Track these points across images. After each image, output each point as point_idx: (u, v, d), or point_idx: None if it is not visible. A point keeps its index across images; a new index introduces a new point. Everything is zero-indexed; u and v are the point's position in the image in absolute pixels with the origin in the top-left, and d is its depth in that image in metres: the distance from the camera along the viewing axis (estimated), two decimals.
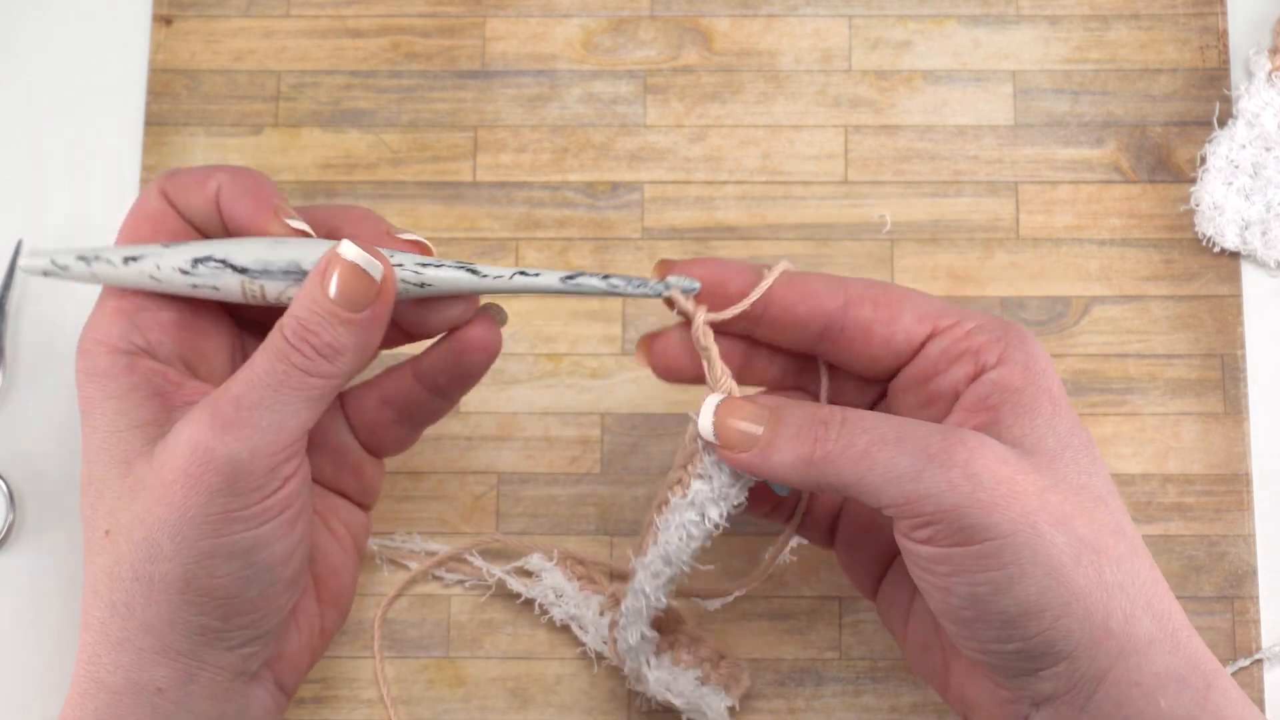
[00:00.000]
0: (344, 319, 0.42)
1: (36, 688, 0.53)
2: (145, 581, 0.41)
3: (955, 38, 0.58)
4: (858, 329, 0.44)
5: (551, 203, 0.57)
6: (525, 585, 0.53)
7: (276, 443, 0.41)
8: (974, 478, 0.39)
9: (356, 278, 0.42)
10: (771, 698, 0.53)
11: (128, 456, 0.42)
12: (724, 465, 0.44)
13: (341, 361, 0.42)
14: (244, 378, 0.42)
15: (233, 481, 0.41)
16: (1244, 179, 0.55)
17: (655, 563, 0.46)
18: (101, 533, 0.43)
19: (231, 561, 0.41)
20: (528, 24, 0.58)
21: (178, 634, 0.42)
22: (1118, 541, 0.41)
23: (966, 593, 0.40)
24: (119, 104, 0.58)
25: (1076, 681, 0.41)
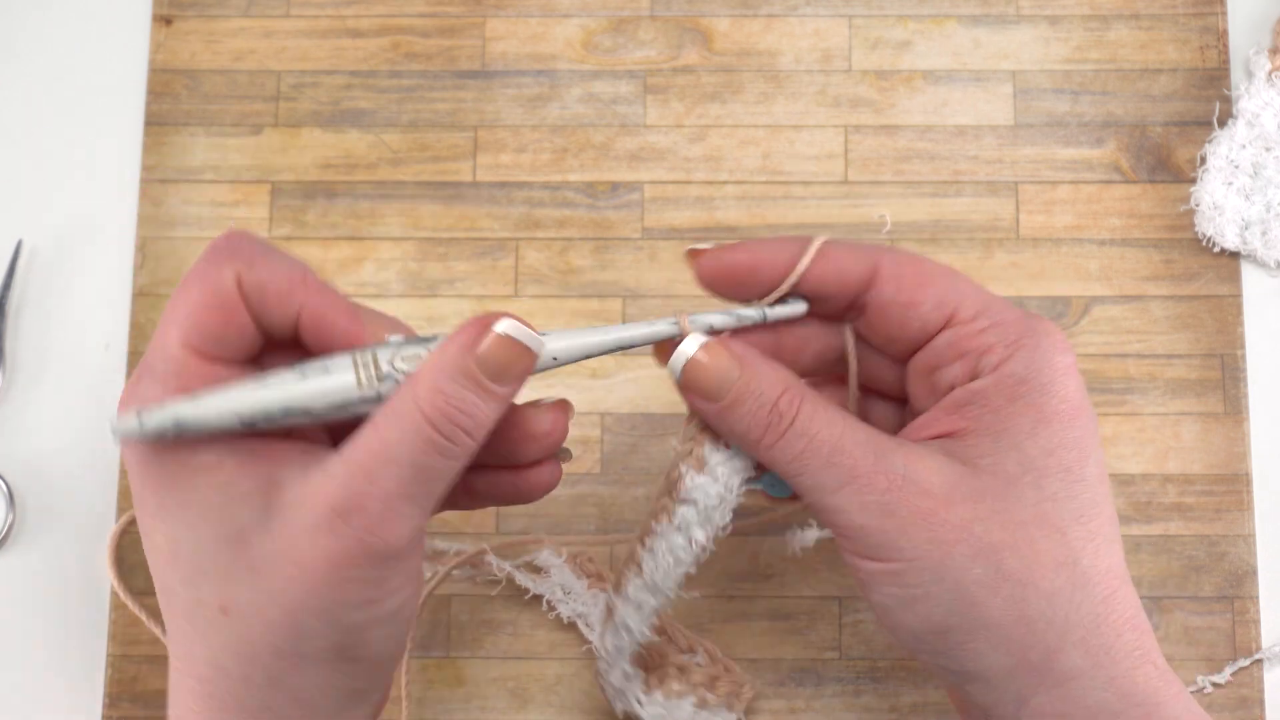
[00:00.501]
0: (490, 391, 0.39)
1: (37, 687, 0.53)
2: (292, 658, 0.40)
3: (955, 38, 0.58)
4: (877, 309, 0.44)
5: (551, 203, 0.57)
6: (534, 581, 0.53)
7: (422, 525, 0.40)
8: (887, 506, 0.40)
9: (512, 348, 0.39)
10: (771, 698, 0.53)
11: (239, 532, 0.39)
12: (710, 489, 0.44)
13: (482, 437, 0.39)
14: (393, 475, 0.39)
15: (384, 567, 0.39)
16: (1244, 179, 0.55)
17: (639, 593, 0.46)
18: (215, 610, 0.40)
19: (382, 627, 0.41)
20: (528, 24, 0.58)
21: (327, 699, 0.41)
22: (1058, 575, 0.40)
23: (877, 602, 0.42)
24: (119, 104, 0.58)
25: (998, 700, 0.41)
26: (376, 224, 0.56)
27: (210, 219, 0.57)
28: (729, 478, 0.44)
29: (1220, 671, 0.52)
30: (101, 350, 0.56)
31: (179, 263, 0.56)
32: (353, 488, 0.38)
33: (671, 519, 0.44)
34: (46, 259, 0.56)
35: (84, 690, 0.53)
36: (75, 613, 0.54)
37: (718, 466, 0.44)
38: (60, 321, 0.56)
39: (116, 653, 0.53)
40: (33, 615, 0.54)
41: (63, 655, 0.53)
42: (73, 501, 0.54)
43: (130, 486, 0.41)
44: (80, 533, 0.54)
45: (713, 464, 0.44)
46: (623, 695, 0.49)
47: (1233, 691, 0.52)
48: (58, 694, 0.53)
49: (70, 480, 0.55)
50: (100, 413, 0.55)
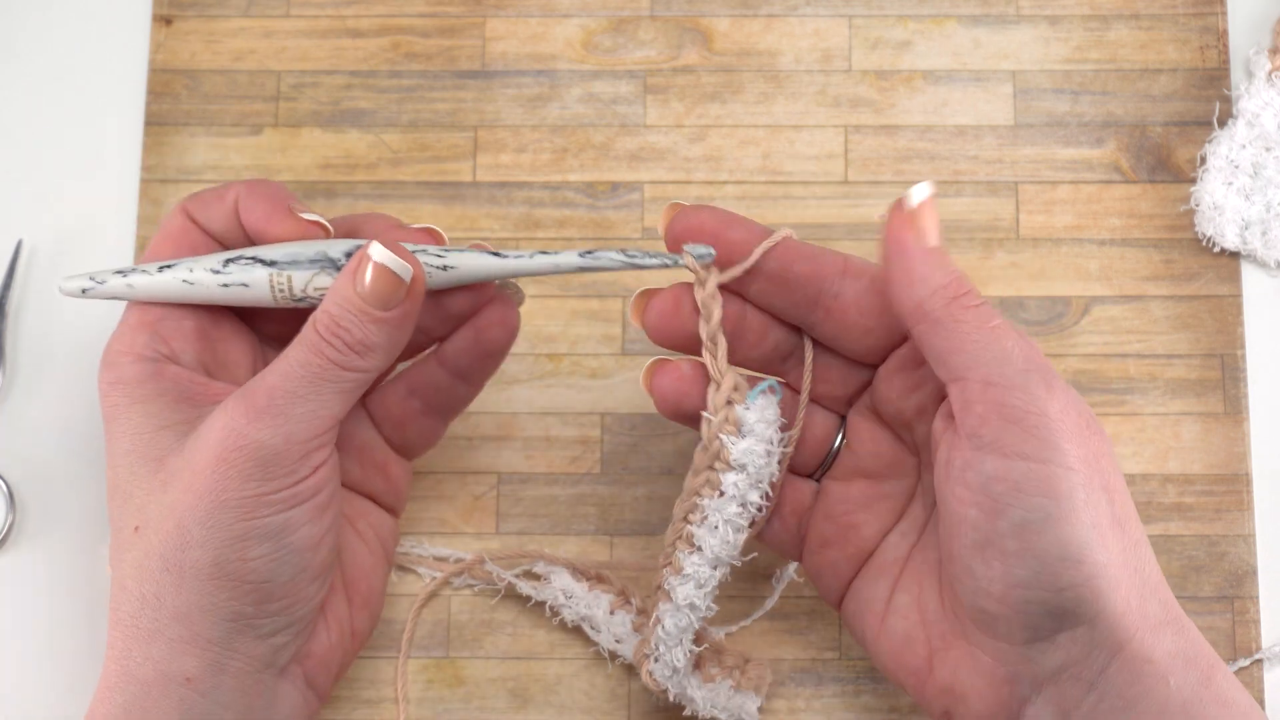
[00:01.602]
0: (375, 317, 0.43)
1: (37, 687, 0.53)
2: (175, 570, 0.42)
3: (955, 38, 0.58)
4: (853, 296, 0.44)
5: (551, 203, 0.57)
6: (535, 589, 0.53)
7: (309, 430, 0.42)
8: (1067, 401, 0.41)
9: (386, 278, 0.43)
10: (772, 698, 0.53)
11: (159, 454, 0.43)
12: (756, 449, 0.44)
13: (373, 357, 0.43)
14: (278, 369, 0.43)
15: (265, 466, 0.42)
16: (1244, 179, 0.55)
17: (701, 571, 0.45)
18: (130, 530, 0.43)
19: (263, 544, 0.42)
20: (528, 24, 0.58)
21: (208, 621, 0.42)
22: (1134, 529, 0.42)
23: (1019, 518, 0.40)
24: (119, 104, 0.58)
25: (1091, 651, 0.41)
26: None
27: None
28: (767, 430, 0.44)
29: None
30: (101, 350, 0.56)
31: None
32: (243, 389, 0.43)
33: (722, 490, 0.44)
34: (46, 259, 0.56)
35: (84, 690, 0.53)
36: (75, 613, 0.54)
37: (755, 424, 0.44)
38: (60, 321, 0.56)
39: None
40: (33, 615, 0.54)
41: (63, 655, 0.53)
42: (73, 501, 0.54)
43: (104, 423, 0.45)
44: (80, 533, 0.54)
45: (749, 423, 0.44)
46: (680, 679, 0.48)
47: None
48: (58, 694, 0.53)
49: (70, 480, 0.55)
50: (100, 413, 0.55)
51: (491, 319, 0.47)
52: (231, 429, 0.42)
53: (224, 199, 0.46)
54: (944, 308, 0.41)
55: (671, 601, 0.46)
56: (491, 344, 0.47)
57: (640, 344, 0.55)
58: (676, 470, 0.54)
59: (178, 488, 0.42)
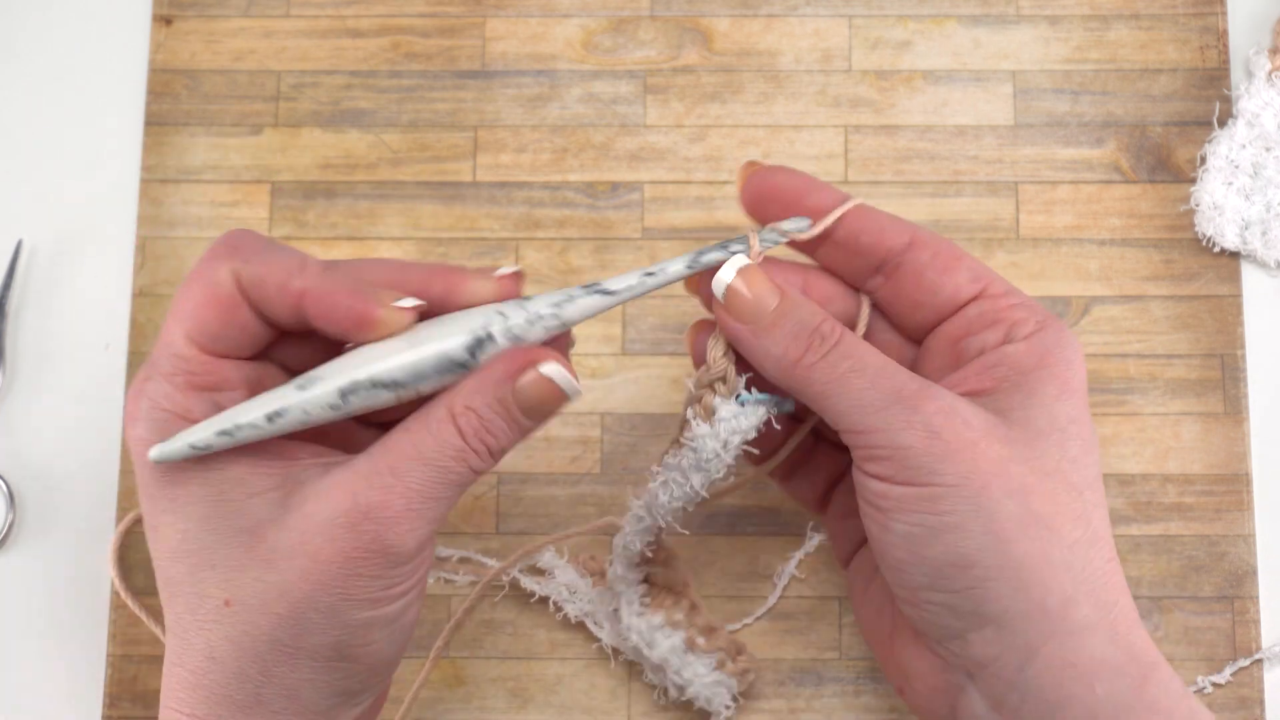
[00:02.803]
0: (524, 428, 0.41)
1: (37, 687, 0.53)
2: (290, 653, 0.41)
3: (955, 38, 0.58)
4: (912, 270, 0.44)
5: (551, 203, 0.57)
6: (538, 584, 0.53)
7: (435, 530, 0.41)
8: (934, 429, 0.40)
9: (553, 394, 0.41)
10: (771, 698, 0.53)
11: (251, 525, 0.40)
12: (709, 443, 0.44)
13: (499, 459, 0.42)
14: (417, 474, 0.40)
15: (395, 567, 0.40)
16: (1244, 179, 0.55)
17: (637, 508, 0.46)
18: (218, 602, 0.41)
19: (384, 629, 0.42)
20: (528, 24, 0.58)
21: (319, 695, 0.42)
22: (1075, 528, 0.41)
23: (904, 531, 0.41)
24: (119, 104, 0.58)
25: (1003, 651, 0.41)
26: (376, 224, 0.56)
27: (210, 219, 0.57)
28: (730, 435, 0.44)
29: (1220, 671, 0.52)
30: (101, 350, 0.56)
31: (179, 263, 0.56)
32: (376, 484, 0.40)
33: (674, 455, 0.45)
34: (46, 259, 0.56)
35: (84, 690, 0.53)
36: (75, 613, 0.54)
37: (722, 421, 0.44)
38: (60, 321, 0.56)
39: (116, 653, 0.53)
40: (33, 615, 0.54)
41: (63, 655, 0.53)
42: (73, 501, 0.54)
43: (137, 478, 0.42)
44: (80, 533, 0.54)
45: (719, 415, 0.44)
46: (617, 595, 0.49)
47: (1233, 691, 0.52)
48: (58, 694, 0.53)
49: (70, 480, 0.55)
50: (100, 413, 0.55)
51: None
52: (363, 531, 0.39)
53: (286, 291, 0.41)
54: (790, 375, 0.42)
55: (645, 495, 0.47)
56: None
57: (640, 344, 0.55)
58: None
59: (290, 572, 0.40)
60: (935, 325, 0.45)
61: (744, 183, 0.45)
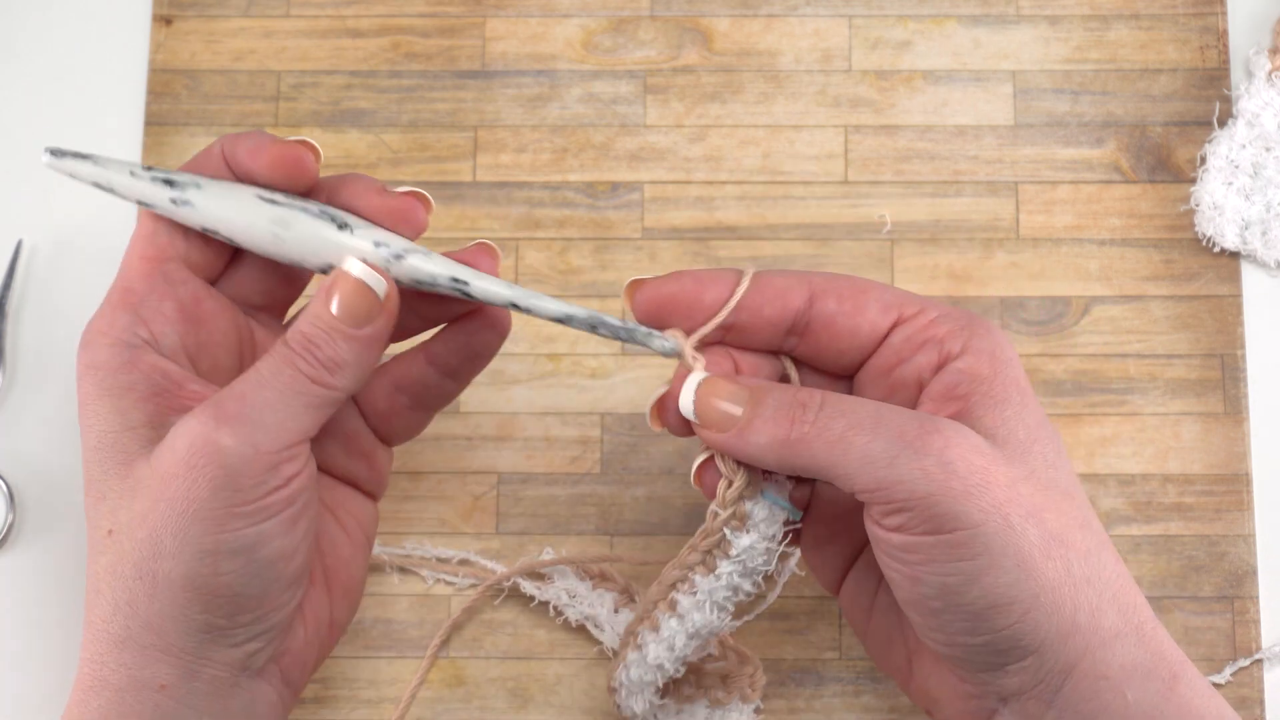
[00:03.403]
0: (347, 335, 0.42)
1: (36, 687, 0.53)
2: (148, 579, 0.42)
3: (955, 38, 0.58)
4: (823, 323, 0.44)
5: (551, 203, 0.57)
6: (538, 588, 0.53)
7: (279, 441, 0.42)
8: (948, 465, 0.39)
9: (360, 294, 0.42)
10: (771, 698, 0.53)
11: (126, 457, 0.42)
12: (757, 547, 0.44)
13: (343, 375, 0.43)
14: (249, 378, 0.42)
15: (234, 476, 0.41)
16: (1244, 179, 0.55)
17: (678, 638, 0.46)
18: (104, 532, 0.43)
19: (234, 558, 0.41)
20: (528, 24, 0.58)
21: (180, 631, 0.42)
22: (1084, 536, 0.41)
23: (936, 583, 0.40)
24: (119, 104, 0.58)
25: (1044, 676, 0.41)
26: None
27: None
28: (773, 529, 0.44)
29: (1220, 671, 0.52)
30: None
31: None
32: (222, 402, 0.42)
33: (717, 575, 0.45)
34: (46, 259, 0.56)
35: None
36: (75, 613, 0.54)
37: (760, 523, 0.44)
38: (60, 321, 0.56)
39: None
40: (33, 615, 0.54)
41: (63, 655, 0.53)
42: (73, 501, 0.54)
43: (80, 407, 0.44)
44: (80, 533, 0.54)
45: (756, 519, 0.44)
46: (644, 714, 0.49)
47: (1233, 691, 0.52)
48: (58, 694, 0.53)
49: (70, 480, 0.55)
50: None
51: (483, 322, 0.46)
52: (200, 434, 0.41)
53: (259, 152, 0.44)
54: (788, 455, 0.42)
55: (640, 654, 0.47)
56: (482, 345, 0.47)
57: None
58: (677, 470, 0.54)
59: (148, 496, 0.41)
60: (863, 362, 0.44)
61: (633, 302, 0.44)
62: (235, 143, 0.44)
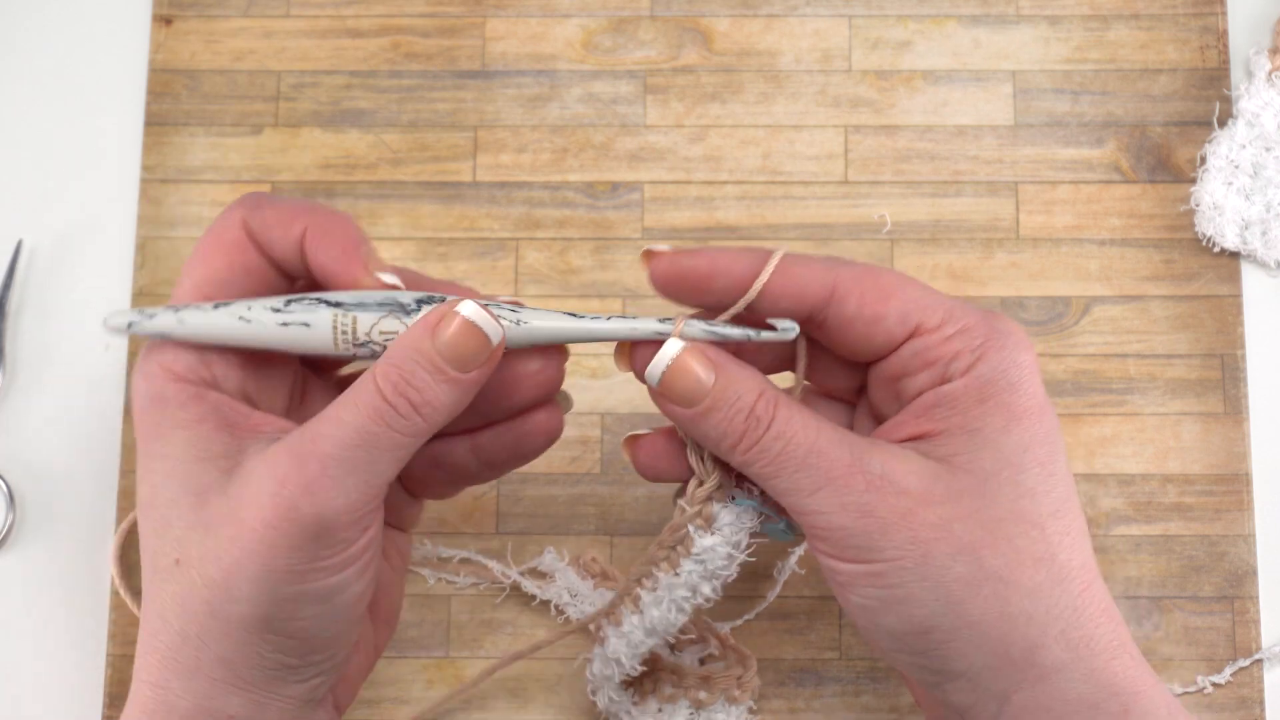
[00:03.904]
0: (449, 377, 0.40)
1: (36, 687, 0.53)
2: (221, 619, 0.41)
3: (955, 38, 0.58)
4: (838, 325, 0.43)
5: (551, 203, 0.57)
6: (540, 587, 0.53)
7: (362, 500, 0.40)
8: (864, 505, 0.40)
9: (472, 337, 0.41)
10: (771, 698, 0.53)
11: (200, 489, 0.41)
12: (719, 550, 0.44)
13: (434, 420, 0.41)
14: (332, 434, 0.40)
15: (318, 538, 0.40)
16: (1244, 179, 0.55)
17: (635, 633, 0.46)
18: (170, 560, 0.41)
19: (313, 605, 0.41)
20: (528, 24, 0.58)
21: (251, 667, 0.42)
22: (1037, 570, 0.41)
23: (857, 603, 0.42)
24: (119, 104, 0.58)
25: (979, 699, 0.41)
26: (376, 224, 0.56)
27: (210, 219, 0.56)
28: (736, 534, 0.45)
29: (1220, 671, 0.52)
30: (101, 350, 0.56)
31: (179, 263, 0.56)
32: (296, 450, 0.40)
33: (678, 573, 0.45)
34: (46, 259, 0.56)
35: (84, 690, 0.53)
36: (75, 613, 0.54)
37: (725, 526, 0.44)
38: (60, 321, 0.56)
39: (116, 653, 0.53)
40: (33, 615, 0.54)
41: (63, 655, 0.53)
42: (73, 501, 0.54)
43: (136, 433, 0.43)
44: (80, 533, 0.54)
45: (721, 522, 0.44)
46: (612, 715, 0.50)
47: (1233, 691, 0.52)
48: (58, 694, 0.53)
49: (70, 480, 0.55)
50: (100, 413, 0.55)
51: (538, 425, 0.45)
52: (283, 499, 0.39)
53: (290, 227, 0.43)
54: (731, 458, 0.43)
55: (602, 648, 0.47)
56: (530, 448, 0.46)
57: None
58: None
59: (224, 536, 0.40)
60: (875, 363, 0.44)
61: (650, 272, 0.44)
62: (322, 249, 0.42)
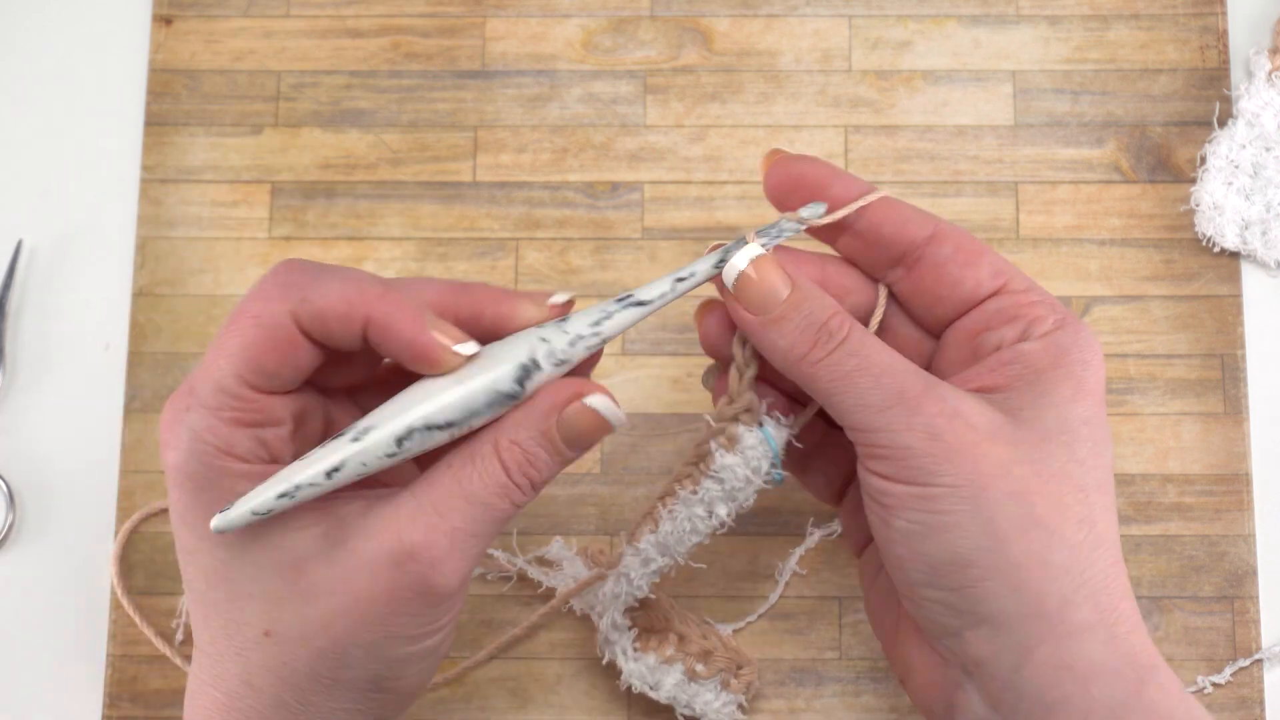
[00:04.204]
0: (565, 457, 0.41)
1: (36, 687, 0.53)
2: (328, 684, 0.41)
3: (955, 38, 0.58)
4: (933, 264, 0.44)
5: (551, 203, 0.57)
6: (545, 575, 0.53)
7: (474, 567, 0.42)
8: (934, 428, 0.41)
9: (598, 425, 0.41)
10: (771, 698, 0.53)
11: (295, 560, 0.41)
12: (738, 470, 0.44)
13: (541, 490, 0.42)
14: (462, 511, 0.40)
15: (438, 606, 0.41)
16: (1244, 179, 0.55)
17: (648, 550, 0.47)
18: (259, 632, 0.41)
19: (418, 663, 0.42)
20: (528, 24, 0.58)
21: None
22: (1079, 530, 0.41)
23: (903, 527, 0.41)
24: (119, 104, 0.58)
25: (1000, 650, 0.41)
26: (376, 224, 0.56)
27: (210, 219, 0.57)
28: (758, 461, 0.45)
29: (1220, 671, 0.52)
30: (101, 350, 0.56)
31: (179, 262, 0.56)
32: (422, 523, 0.40)
33: (696, 490, 0.45)
34: (46, 259, 0.56)
35: (84, 690, 0.53)
36: (75, 613, 0.54)
37: (748, 449, 0.45)
38: (60, 321, 0.56)
39: (116, 653, 0.53)
40: (33, 615, 0.54)
41: (63, 655, 0.53)
42: (73, 501, 0.54)
43: (171, 503, 0.41)
44: (80, 533, 0.54)
45: (745, 444, 0.45)
46: (609, 644, 0.50)
47: (1233, 691, 0.52)
48: (58, 694, 0.53)
49: (70, 480, 0.55)
50: (100, 413, 0.55)
51: None
52: (409, 570, 0.40)
53: (351, 321, 0.41)
54: (797, 369, 0.42)
55: (616, 570, 0.48)
56: None
57: (640, 344, 0.55)
58: None
59: (332, 607, 0.40)
60: (954, 319, 0.45)
61: (767, 171, 0.45)
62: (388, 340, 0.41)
